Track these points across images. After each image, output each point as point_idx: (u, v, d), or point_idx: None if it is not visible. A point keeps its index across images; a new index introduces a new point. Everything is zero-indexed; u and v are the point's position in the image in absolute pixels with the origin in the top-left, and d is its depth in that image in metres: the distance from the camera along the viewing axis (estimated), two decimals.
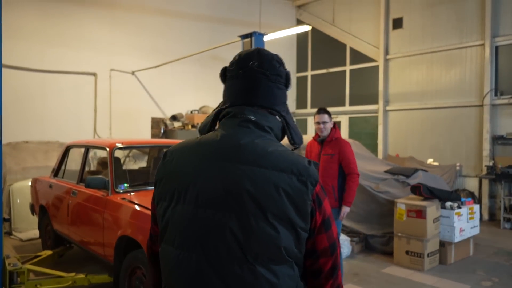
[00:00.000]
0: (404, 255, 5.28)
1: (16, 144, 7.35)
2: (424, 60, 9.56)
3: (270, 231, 1.12)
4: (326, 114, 4.30)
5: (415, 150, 9.70)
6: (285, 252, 1.14)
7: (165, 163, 1.30)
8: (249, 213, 1.13)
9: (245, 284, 1.12)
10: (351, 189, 4.22)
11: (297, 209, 1.14)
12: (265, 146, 1.21)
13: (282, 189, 1.14)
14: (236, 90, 1.31)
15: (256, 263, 1.12)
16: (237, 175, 1.16)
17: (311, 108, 12.21)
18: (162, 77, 9.47)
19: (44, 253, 4.54)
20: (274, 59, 1.32)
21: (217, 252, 1.14)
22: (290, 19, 12.13)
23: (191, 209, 1.18)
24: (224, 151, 1.21)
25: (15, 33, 7.44)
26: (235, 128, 1.25)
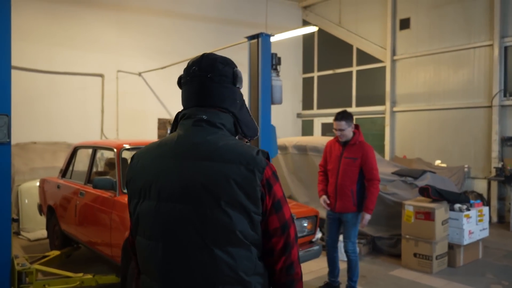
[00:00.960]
0: (412, 258, 5.24)
1: (24, 144, 7.40)
2: (432, 60, 9.50)
3: (224, 218, 1.26)
4: (343, 121, 4.12)
5: (422, 151, 9.63)
6: (241, 236, 1.27)
7: (132, 165, 1.46)
8: (204, 203, 1.27)
9: (206, 267, 1.27)
10: (373, 195, 4.10)
11: (247, 195, 1.27)
12: (216, 141, 1.35)
13: (232, 179, 1.27)
14: (187, 94, 1.46)
15: (214, 247, 1.26)
16: (192, 171, 1.31)
17: (317, 109, 12.18)
18: (169, 78, 9.47)
19: (52, 253, 4.56)
20: (217, 61, 1.44)
21: (179, 240, 1.29)
22: (296, 20, 12.12)
23: (155, 204, 1.34)
24: (180, 150, 1.36)
25: (23, 34, 7.49)
26: (190, 128, 1.39)
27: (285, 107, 10.34)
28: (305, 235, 3.94)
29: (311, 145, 7.21)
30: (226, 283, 1.28)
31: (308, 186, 7.11)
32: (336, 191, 4.19)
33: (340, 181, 4.16)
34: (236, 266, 1.28)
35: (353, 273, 4.23)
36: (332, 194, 4.25)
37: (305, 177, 7.22)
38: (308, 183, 7.14)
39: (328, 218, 4.35)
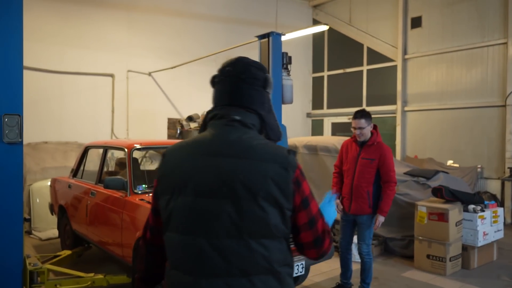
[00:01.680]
0: (425, 259, 5.16)
1: (35, 144, 7.45)
2: (444, 59, 9.37)
3: (260, 212, 1.34)
4: (363, 119, 4.02)
5: (434, 151, 9.51)
6: (274, 229, 1.36)
7: (165, 162, 1.50)
8: (241, 198, 1.34)
9: (242, 258, 1.34)
10: (388, 198, 3.99)
11: (281, 191, 1.36)
12: (250, 140, 1.43)
13: (269, 176, 1.36)
14: (219, 94, 1.54)
15: (250, 240, 1.34)
16: (230, 168, 1.38)
17: (327, 108, 12.10)
18: (179, 78, 9.49)
19: (63, 253, 4.57)
20: (250, 65, 1.53)
21: (217, 233, 1.35)
22: (307, 19, 12.04)
23: (192, 199, 1.38)
24: (216, 148, 1.42)
25: (34, 34, 7.53)
26: (224, 127, 1.46)
27: (294, 106, 10.28)
28: None
29: (322, 145, 7.15)
30: (260, 273, 1.36)
31: (319, 186, 7.05)
32: (352, 193, 4.10)
33: (356, 182, 4.07)
34: (270, 257, 1.37)
35: (367, 275, 4.17)
36: (347, 196, 4.16)
37: (315, 177, 7.16)
38: (318, 183, 7.08)
39: (342, 219, 4.29)
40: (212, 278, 1.36)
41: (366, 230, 4.11)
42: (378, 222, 4.04)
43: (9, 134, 3.49)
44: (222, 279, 1.36)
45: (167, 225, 1.45)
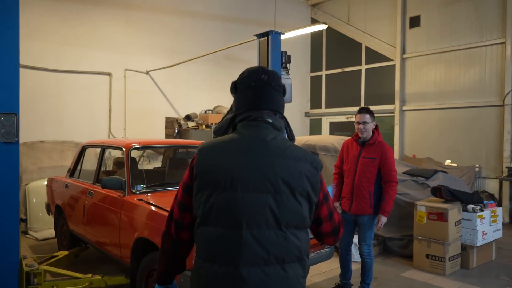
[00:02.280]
0: (424, 259, 5.14)
1: (32, 143, 7.38)
2: (442, 59, 9.36)
3: (297, 205, 1.51)
4: (368, 114, 4.00)
5: (432, 151, 9.51)
6: (305, 221, 1.54)
7: (202, 160, 1.57)
8: (282, 193, 1.49)
9: (279, 247, 1.47)
10: (390, 198, 3.95)
11: (312, 187, 1.55)
12: (284, 142, 1.59)
13: (303, 173, 1.53)
14: (250, 99, 1.64)
15: (287, 231, 1.49)
16: (270, 165, 1.51)
17: (325, 108, 12.08)
18: (176, 76, 9.45)
19: (60, 254, 4.52)
20: (276, 74, 1.70)
21: (258, 225, 1.47)
22: (305, 18, 12.01)
23: (235, 194, 1.48)
24: (254, 147, 1.55)
25: (31, 33, 7.47)
26: (257, 128, 1.59)
27: (293, 106, 10.27)
28: None
29: (321, 145, 7.12)
30: (292, 261, 1.51)
31: None
32: (353, 192, 4.06)
33: (357, 182, 4.02)
34: (301, 247, 1.53)
35: (367, 275, 4.14)
36: (348, 195, 4.11)
37: None
38: None
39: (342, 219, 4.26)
40: (251, 267, 1.46)
41: (367, 231, 4.08)
42: (380, 223, 3.99)
43: (5, 133, 3.44)
44: (259, 268, 1.46)
45: (206, 219, 1.52)
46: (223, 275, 1.47)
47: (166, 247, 1.72)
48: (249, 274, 1.45)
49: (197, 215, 1.56)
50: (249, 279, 1.45)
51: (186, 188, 1.62)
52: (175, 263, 1.73)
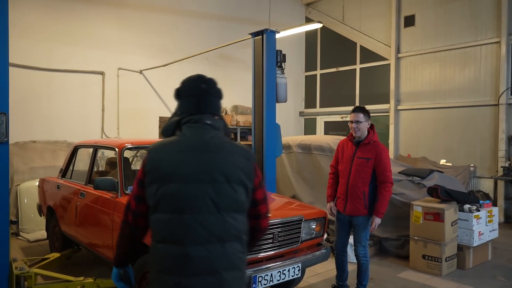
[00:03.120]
0: (420, 260, 5.12)
1: (23, 143, 7.26)
2: (437, 58, 9.36)
3: (233, 192, 1.79)
4: (361, 113, 3.96)
5: (427, 150, 9.51)
6: (241, 205, 1.82)
7: (152, 158, 1.84)
8: (219, 183, 1.77)
9: (219, 228, 1.76)
10: (385, 199, 3.88)
11: (247, 176, 1.84)
12: (221, 140, 1.88)
13: (237, 165, 1.82)
14: (192, 104, 1.92)
15: (225, 214, 1.77)
16: (209, 160, 1.80)
17: (320, 107, 12.05)
18: (170, 76, 9.35)
19: (52, 256, 4.43)
20: (213, 82, 1.98)
21: (200, 210, 1.74)
22: (299, 18, 11.97)
23: (180, 185, 1.76)
24: (196, 145, 1.83)
25: (22, 31, 7.36)
26: (199, 129, 1.87)
27: (287, 105, 10.21)
28: (313, 237, 3.79)
29: (316, 144, 7.08)
30: (231, 239, 1.79)
31: (313, 185, 6.99)
32: (347, 193, 4.01)
33: (351, 182, 3.97)
34: (238, 227, 1.81)
35: (363, 277, 4.10)
36: (343, 196, 4.07)
37: (309, 177, 7.09)
38: (312, 183, 7.01)
39: (337, 220, 4.20)
40: (196, 245, 1.74)
41: (362, 232, 4.03)
42: (374, 224, 3.94)
43: None
44: (203, 246, 1.75)
45: (157, 207, 1.80)
46: (173, 253, 1.76)
47: (125, 233, 1.98)
48: (194, 252, 1.74)
49: (150, 204, 1.83)
50: (194, 256, 1.74)
51: (140, 183, 1.87)
52: (131, 247, 2.02)
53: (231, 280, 1.79)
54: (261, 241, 3.24)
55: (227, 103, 9.98)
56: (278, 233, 3.36)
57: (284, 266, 3.35)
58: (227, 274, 1.78)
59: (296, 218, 3.53)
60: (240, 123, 9.73)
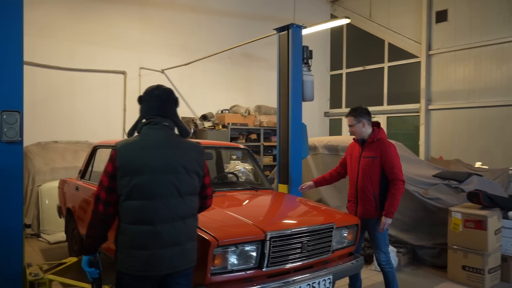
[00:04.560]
0: (460, 270, 4.72)
1: (45, 144, 7.19)
2: (472, 55, 8.86)
3: (191, 180, 2.30)
4: (351, 116, 3.85)
5: (461, 152, 9.00)
6: (196, 189, 2.34)
7: (122, 155, 2.21)
8: (180, 173, 2.25)
9: (181, 209, 2.25)
10: (394, 198, 3.61)
11: (200, 166, 2.36)
12: (178, 138, 2.36)
13: (194, 158, 2.32)
14: (151, 109, 2.34)
15: (185, 197, 2.27)
16: (171, 155, 2.25)
17: (346, 107, 11.65)
18: (192, 75, 9.19)
19: (69, 260, 4.25)
20: (170, 91, 2.43)
21: (166, 196, 2.20)
22: (324, 15, 11.62)
23: (150, 176, 2.18)
24: (159, 143, 2.26)
25: (44, 30, 7.30)
26: (159, 130, 2.29)
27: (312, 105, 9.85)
28: (345, 246, 3.47)
29: (344, 146, 6.72)
30: (189, 217, 2.30)
31: (341, 189, 6.63)
32: (357, 195, 3.80)
33: (360, 184, 3.76)
34: (194, 206, 2.34)
35: (392, 287, 3.75)
36: (353, 199, 3.85)
37: None
38: (340, 186, 6.64)
39: None
40: (164, 223, 2.19)
41: (378, 237, 3.73)
42: (382, 224, 3.63)
43: (8, 132, 3.18)
44: (169, 224, 2.20)
45: (130, 195, 2.18)
46: (146, 232, 2.17)
47: (96, 222, 2.27)
48: (163, 229, 2.19)
49: (121, 194, 2.19)
50: (163, 232, 2.19)
51: (111, 176, 2.21)
52: (102, 234, 2.29)
53: (191, 249, 2.30)
54: (288, 251, 2.96)
55: (250, 103, 9.73)
56: (307, 242, 3.07)
57: (314, 278, 3.05)
58: (187, 244, 2.27)
59: (326, 226, 3.22)
60: (263, 123, 9.46)
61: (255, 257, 2.82)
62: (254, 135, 9.54)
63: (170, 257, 2.18)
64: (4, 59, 3.19)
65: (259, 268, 2.83)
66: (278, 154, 5.35)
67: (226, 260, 2.72)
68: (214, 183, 4.28)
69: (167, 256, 2.16)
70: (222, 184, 4.40)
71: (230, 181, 4.72)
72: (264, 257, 2.82)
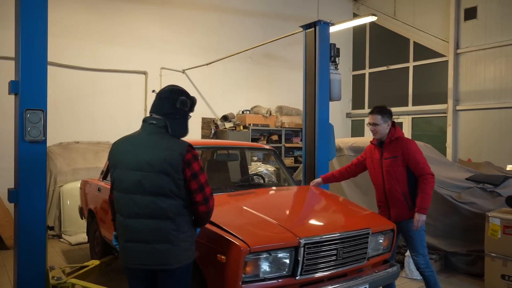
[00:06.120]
0: (499, 279, 4.44)
1: (67, 144, 7.17)
2: (503, 53, 8.51)
3: (159, 180, 2.25)
4: (379, 115, 3.61)
5: (491, 154, 8.65)
6: (168, 191, 2.25)
7: (112, 150, 2.47)
8: (146, 171, 2.27)
9: (148, 208, 2.26)
10: (425, 193, 3.42)
11: (172, 168, 2.25)
12: (159, 136, 2.35)
13: (165, 159, 2.25)
14: (151, 106, 2.46)
15: (154, 197, 2.26)
16: (142, 153, 2.31)
17: (368, 108, 11.38)
18: (213, 75, 9.08)
19: (91, 263, 4.17)
20: (170, 89, 2.45)
21: (134, 192, 2.29)
22: (347, 14, 11.39)
23: (123, 171, 2.34)
24: (138, 140, 2.38)
25: (67, 31, 7.29)
26: (145, 128, 2.41)
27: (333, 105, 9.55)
28: (380, 253, 3.27)
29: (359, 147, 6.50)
30: (163, 218, 2.26)
31: (366, 192, 6.41)
32: (387, 199, 3.62)
33: (387, 186, 3.58)
34: (167, 209, 2.25)
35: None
36: (383, 203, 3.67)
37: (362, 182, 6.50)
38: (366, 189, 6.43)
39: None
40: (131, 218, 2.29)
41: (415, 238, 3.52)
42: (416, 221, 3.43)
43: (32, 132, 3.10)
44: (138, 220, 2.27)
45: (112, 187, 2.45)
46: (121, 223, 2.35)
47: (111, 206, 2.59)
48: (131, 223, 2.29)
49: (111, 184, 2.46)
50: (131, 227, 2.29)
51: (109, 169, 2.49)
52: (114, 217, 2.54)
53: (164, 251, 2.24)
54: (323, 258, 2.78)
55: (271, 104, 9.57)
56: (342, 249, 2.88)
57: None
58: (159, 245, 2.24)
59: (362, 231, 3.03)
60: (285, 124, 9.29)
61: (288, 264, 2.65)
62: (276, 136, 9.37)
63: (137, 253, 2.26)
64: (29, 56, 3.11)
65: (292, 276, 2.66)
66: (304, 156, 5.16)
67: (258, 268, 2.56)
68: (240, 185, 4.13)
69: (134, 250, 2.27)
70: (249, 185, 4.25)
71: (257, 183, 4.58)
72: (297, 265, 2.65)
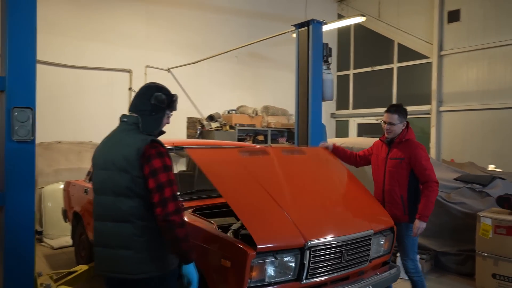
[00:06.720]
0: (490, 279, 4.49)
1: (48, 144, 6.91)
2: (486, 55, 8.68)
3: (119, 178, 2.13)
4: (396, 115, 3.56)
5: (473, 155, 8.81)
6: (127, 190, 2.10)
7: (95, 150, 2.36)
8: (111, 170, 2.17)
9: (109, 210, 2.15)
10: (428, 200, 3.39)
11: (129, 164, 2.10)
12: (126, 133, 2.23)
13: (124, 155, 2.13)
14: None
15: (115, 198, 2.14)
16: (108, 150, 2.24)
17: (353, 109, 11.46)
18: (199, 74, 8.94)
19: (79, 269, 4.00)
20: (148, 85, 2.40)
21: (102, 193, 2.21)
22: (331, 15, 11.41)
23: (96, 171, 2.28)
24: (109, 138, 2.31)
25: (50, 27, 7.03)
26: (119, 125, 2.32)
27: None
28: (381, 255, 3.24)
29: (359, 147, 6.49)
30: (124, 221, 2.10)
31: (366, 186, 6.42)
32: (384, 198, 3.59)
33: (387, 186, 3.56)
34: (127, 211, 2.09)
35: None
36: (379, 201, 3.63)
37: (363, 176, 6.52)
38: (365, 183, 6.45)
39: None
40: (98, 221, 2.21)
41: (406, 243, 3.53)
42: (416, 228, 3.42)
43: (19, 131, 2.92)
44: (102, 223, 2.18)
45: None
46: (95, 226, 2.24)
47: None
48: (98, 226, 2.21)
49: None
50: (98, 229, 2.21)
51: None
52: None
53: (125, 258, 2.07)
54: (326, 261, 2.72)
55: (257, 104, 9.49)
56: (346, 251, 2.83)
57: None
58: (120, 251, 2.08)
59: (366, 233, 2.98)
60: (271, 124, 9.23)
61: (294, 268, 2.58)
62: (262, 136, 9.30)
63: (102, 259, 2.16)
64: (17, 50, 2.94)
65: (297, 280, 2.59)
66: None
67: (264, 272, 2.48)
68: None
69: (100, 256, 2.17)
70: None
71: None
72: (303, 268, 2.58)
